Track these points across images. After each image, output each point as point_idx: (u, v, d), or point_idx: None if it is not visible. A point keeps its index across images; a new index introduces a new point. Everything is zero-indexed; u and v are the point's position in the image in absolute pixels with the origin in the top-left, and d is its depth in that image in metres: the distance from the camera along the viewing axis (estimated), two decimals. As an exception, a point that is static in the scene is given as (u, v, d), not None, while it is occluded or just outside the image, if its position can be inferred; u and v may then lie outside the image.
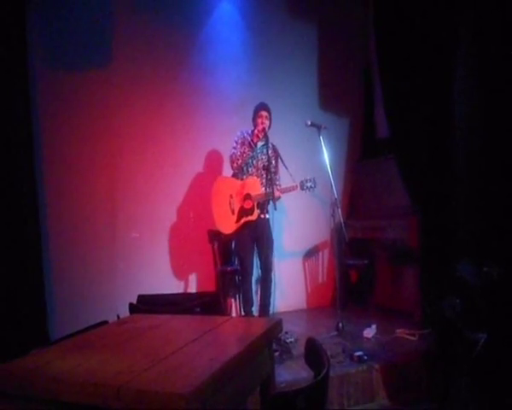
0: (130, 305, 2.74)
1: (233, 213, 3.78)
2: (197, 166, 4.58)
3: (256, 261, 3.96)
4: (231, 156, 3.84)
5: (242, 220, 3.76)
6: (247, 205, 3.75)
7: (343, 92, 5.11)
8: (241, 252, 3.90)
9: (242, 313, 4.17)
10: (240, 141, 3.85)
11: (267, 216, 3.85)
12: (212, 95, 4.60)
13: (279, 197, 3.78)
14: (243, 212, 3.77)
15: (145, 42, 4.32)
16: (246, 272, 3.85)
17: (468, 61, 3.48)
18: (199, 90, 4.57)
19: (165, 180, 4.44)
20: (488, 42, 3.32)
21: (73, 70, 4.09)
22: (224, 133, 4.58)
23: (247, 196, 3.77)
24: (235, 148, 3.85)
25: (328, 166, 3.61)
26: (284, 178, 3.86)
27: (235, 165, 3.82)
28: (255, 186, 3.75)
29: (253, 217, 3.75)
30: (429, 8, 3.53)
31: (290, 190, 3.74)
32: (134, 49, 4.29)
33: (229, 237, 4.08)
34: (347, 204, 5.13)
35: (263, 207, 3.78)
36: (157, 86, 4.40)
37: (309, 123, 3.65)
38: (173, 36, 4.43)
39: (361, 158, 5.21)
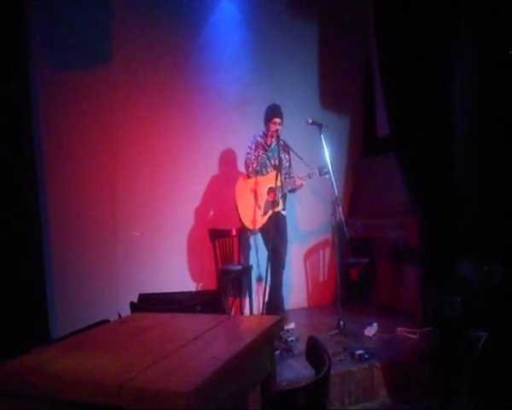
0: (132, 304, 2.73)
1: (259, 207, 3.87)
2: (198, 163, 4.57)
3: (257, 259, 3.98)
4: (246, 161, 3.96)
5: (269, 213, 3.84)
6: (271, 197, 3.85)
7: (344, 90, 5.11)
8: (270, 243, 3.82)
9: (247, 311, 4.16)
10: (253, 146, 3.96)
11: (284, 213, 3.97)
12: (212, 94, 4.60)
13: (301, 185, 3.93)
14: (268, 205, 3.86)
15: (145, 41, 4.31)
16: (281, 263, 3.91)
17: (469, 57, 3.48)
18: (199, 89, 4.56)
19: (166, 179, 4.44)
20: (488, 37, 3.31)
21: (74, 70, 4.08)
22: (224, 132, 4.59)
23: (271, 189, 3.86)
24: (249, 153, 3.96)
25: (329, 165, 3.62)
26: (300, 169, 3.95)
27: (250, 169, 3.92)
28: (275, 181, 3.78)
29: (279, 208, 3.86)
30: (429, 5, 3.52)
31: (310, 177, 3.90)
32: (134, 48, 4.28)
33: (255, 233, 4.12)
34: (348, 202, 5.13)
35: (285, 199, 3.89)
36: (157, 85, 4.39)
37: (310, 121, 3.66)
38: (173, 35, 4.42)
39: (362, 156, 5.21)
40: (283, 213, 3.97)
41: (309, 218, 4.87)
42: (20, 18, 3.68)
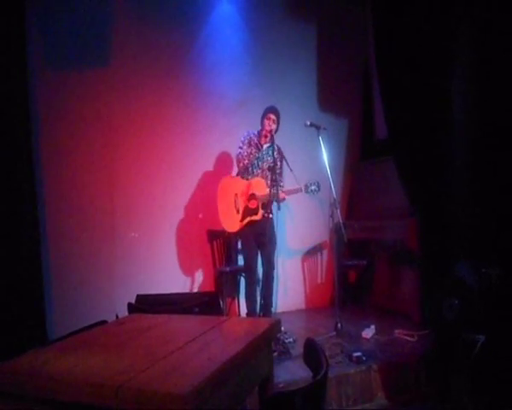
0: (129, 305, 2.73)
1: (238, 212, 3.83)
2: (197, 165, 4.58)
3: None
4: (237, 156, 3.88)
5: (247, 220, 3.81)
6: (252, 205, 3.80)
7: (342, 93, 5.12)
8: (245, 251, 3.92)
9: (244, 312, 4.16)
10: (246, 141, 3.88)
11: (270, 215, 3.87)
12: (211, 95, 4.60)
13: (284, 199, 3.79)
14: (248, 211, 3.81)
15: (145, 42, 4.31)
16: (251, 271, 3.87)
17: (467, 61, 3.49)
18: (199, 89, 4.57)
19: (164, 180, 4.44)
20: (487, 41, 3.32)
21: (73, 69, 4.08)
22: (223, 133, 4.59)
23: (252, 196, 3.81)
24: (241, 148, 3.87)
25: (328, 167, 3.62)
26: (289, 180, 3.87)
27: (241, 164, 3.86)
28: (260, 187, 3.77)
29: (258, 217, 3.78)
30: (427, 8, 3.53)
31: (294, 192, 3.77)
32: (134, 49, 4.28)
33: (234, 236, 4.17)
34: (346, 205, 5.13)
35: (267, 206, 3.79)
36: (156, 86, 4.39)
37: (308, 123, 3.66)
38: (173, 36, 4.42)
39: (360, 159, 5.22)
40: (270, 215, 3.84)
41: (307, 220, 4.87)
42: (19, 18, 3.67)
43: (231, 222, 3.85)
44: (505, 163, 3.23)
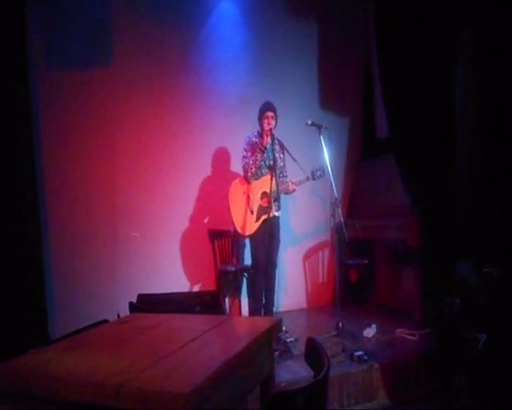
0: (131, 304, 2.73)
1: (252, 212, 3.82)
2: (197, 165, 4.57)
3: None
4: (244, 166, 3.87)
5: (262, 218, 3.80)
6: (265, 203, 3.81)
7: (343, 92, 5.11)
8: (255, 249, 3.88)
9: (247, 311, 4.16)
10: (249, 148, 3.86)
11: (278, 214, 3.88)
12: (212, 94, 4.60)
13: (294, 190, 3.84)
14: (261, 210, 3.81)
15: (144, 41, 4.31)
16: (259, 271, 3.83)
17: (469, 60, 3.48)
18: (199, 89, 4.56)
19: (165, 179, 4.44)
20: (488, 39, 3.32)
21: (73, 69, 4.08)
22: (224, 132, 4.59)
23: (264, 194, 3.81)
24: (246, 157, 3.86)
25: (329, 166, 3.62)
26: (294, 171, 3.88)
27: (249, 174, 3.84)
28: (269, 184, 3.76)
29: (272, 214, 3.78)
30: (430, 7, 3.53)
31: (304, 182, 3.82)
32: (133, 48, 4.28)
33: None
34: (347, 204, 5.13)
35: (277, 204, 3.80)
36: (157, 86, 4.39)
37: (309, 122, 3.65)
38: (173, 35, 4.42)
39: (361, 158, 5.22)
40: (276, 214, 3.87)
41: (308, 219, 4.87)
42: (20, 18, 3.68)
43: (248, 225, 3.81)
44: (507, 161, 3.23)
